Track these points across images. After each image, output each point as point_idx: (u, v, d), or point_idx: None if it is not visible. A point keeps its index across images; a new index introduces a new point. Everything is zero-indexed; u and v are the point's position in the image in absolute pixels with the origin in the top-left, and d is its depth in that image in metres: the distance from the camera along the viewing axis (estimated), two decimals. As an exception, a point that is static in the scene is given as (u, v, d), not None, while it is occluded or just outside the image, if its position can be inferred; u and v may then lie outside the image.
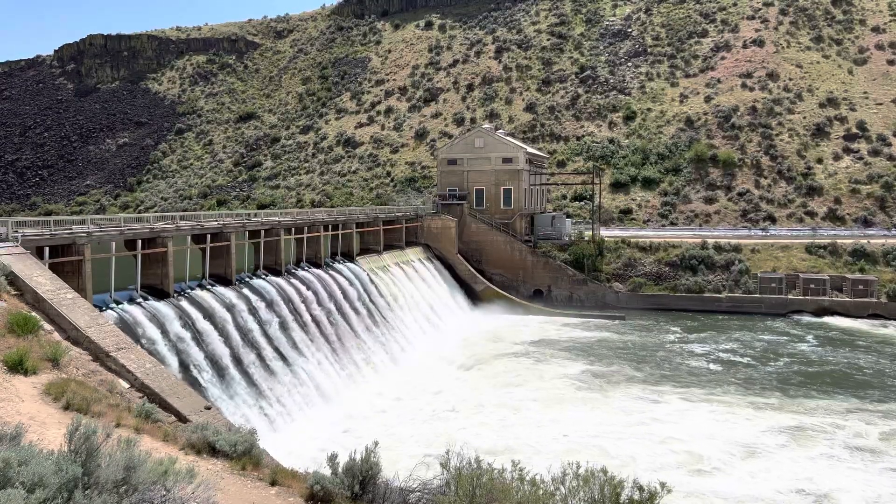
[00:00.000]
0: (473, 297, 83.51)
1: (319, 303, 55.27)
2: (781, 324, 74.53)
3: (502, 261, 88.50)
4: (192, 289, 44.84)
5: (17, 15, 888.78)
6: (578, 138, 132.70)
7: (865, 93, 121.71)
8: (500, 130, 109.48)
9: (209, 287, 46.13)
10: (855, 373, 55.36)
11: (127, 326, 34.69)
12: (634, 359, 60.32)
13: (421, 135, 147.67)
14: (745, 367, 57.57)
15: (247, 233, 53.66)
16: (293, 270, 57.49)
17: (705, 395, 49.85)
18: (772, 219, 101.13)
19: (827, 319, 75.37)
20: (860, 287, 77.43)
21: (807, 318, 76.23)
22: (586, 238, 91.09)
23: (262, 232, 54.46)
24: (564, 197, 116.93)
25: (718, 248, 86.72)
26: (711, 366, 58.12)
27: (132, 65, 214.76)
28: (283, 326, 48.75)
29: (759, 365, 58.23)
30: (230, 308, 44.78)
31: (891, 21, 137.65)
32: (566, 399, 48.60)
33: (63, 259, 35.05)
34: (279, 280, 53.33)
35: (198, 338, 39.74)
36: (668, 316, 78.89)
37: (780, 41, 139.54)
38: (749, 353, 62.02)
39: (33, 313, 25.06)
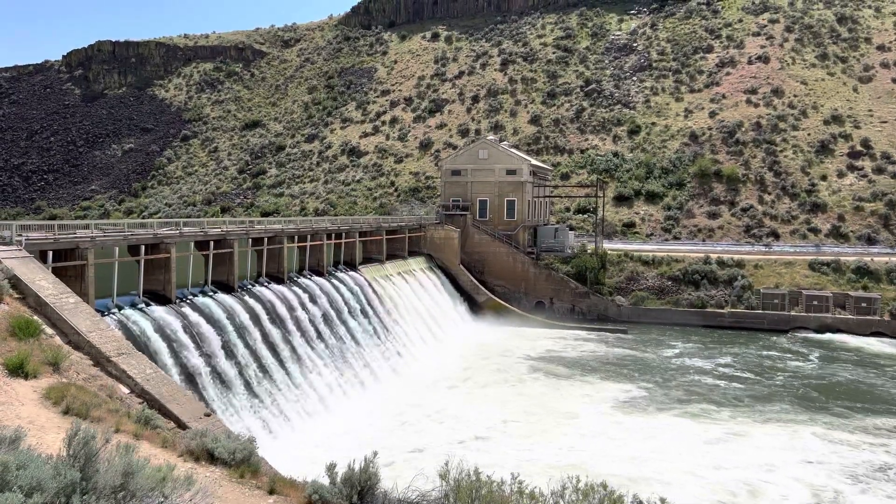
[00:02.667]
0: (475, 307, 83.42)
1: (321, 311, 55.23)
2: (787, 341, 74.09)
3: (505, 272, 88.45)
4: (195, 295, 44.85)
5: (26, 20, 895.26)
6: (582, 151, 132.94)
7: (870, 110, 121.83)
8: (505, 142, 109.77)
9: (211, 294, 46.14)
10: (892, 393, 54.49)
11: (128, 332, 34.70)
12: (657, 377, 58.60)
13: (425, 145, 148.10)
14: (787, 387, 55.93)
15: (250, 240, 53.70)
16: (296, 278, 57.50)
17: (772, 417, 48.05)
18: (775, 235, 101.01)
19: (830, 336, 75.04)
20: (863, 305, 77.18)
21: (809, 335, 75.89)
22: (589, 251, 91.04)
23: (266, 239, 54.51)
24: (568, 209, 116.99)
25: (721, 263, 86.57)
26: (737, 385, 56.72)
27: (139, 71, 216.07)
28: (285, 335, 48.69)
29: (807, 384, 56.72)
30: (232, 315, 44.76)
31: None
32: (609, 424, 46.14)
33: (66, 263, 35.10)
34: (282, 288, 53.33)
35: (199, 344, 39.70)
36: (671, 330, 78.64)
37: (786, 58, 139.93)
38: (779, 372, 60.68)
39: (35, 317, 25.08)
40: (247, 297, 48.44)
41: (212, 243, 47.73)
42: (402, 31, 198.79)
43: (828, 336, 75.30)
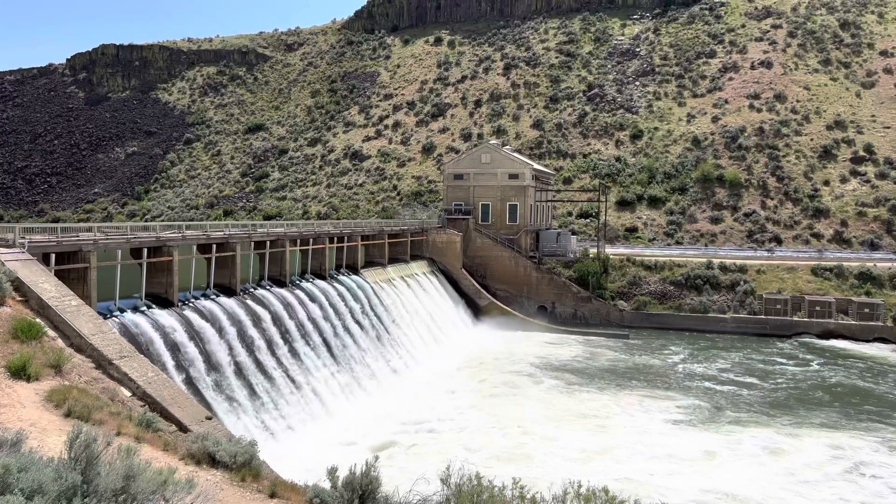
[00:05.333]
0: (477, 312, 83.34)
1: (323, 315, 55.21)
2: (790, 346, 73.76)
3: (507, 276, 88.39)
4: (197, 298, 44.86)
5: (30, 23, 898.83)
6: (585, 156, 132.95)
7: (873, 116, 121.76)
8: (507, 146, 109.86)
9: (213, 297, 46.15)
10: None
11: (130, 335, 34.70)
12: (674, 385, 57.30)
13: (428, 149, 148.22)
14: (813, 393, 54.72)
15: (252, 243, 53.76)
16: (298, 281, 57.51)
17: (829, 424, 46.81)
18: (778, 240, 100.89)
19: (834, 342, 74.65)
20: (866, 310, 76.97)
21: (812, 341, 75.53)
22: (591, 255, 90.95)
23: (268, 243, 54.56)
24: (570, 214, 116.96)
25: (724, 268, 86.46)
26: (757, 392, 55.57)
27: (143, 75, 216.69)
28: (287, 338, 48.67)
29: (834, 391, 55.73)
30: (234, 318, 44.76)
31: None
32: (659, 442, 42.74)
33: (69, 266, 35.14)
34: (284, 291, 53.33)
35: (201, 347, 39.70)
36: (673, 336, 78.31)
37: (788, 63, 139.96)
38: (795, 379, 59.92)
39: (37, 319, 25.10)
40: (249, 301, 48.46)
41: (214, 246, 47.78)
42: (405, 35, 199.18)
43: (831, 342, 74.98)
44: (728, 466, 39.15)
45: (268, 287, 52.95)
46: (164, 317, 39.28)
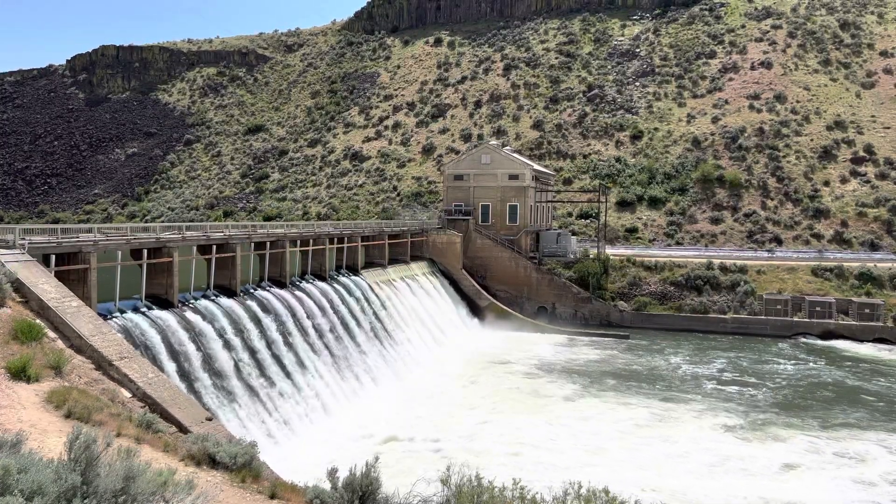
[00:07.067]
0: (477, 312, 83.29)
1: (323, 315, 55.19)
2: (791, 347, 73.60)
3: (507, 277, 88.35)
4: (197, 299, 44.83)
5: (30, 25, 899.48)
6: (585, 156, 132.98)
7: (873, 116, 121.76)
8: (507, 147, 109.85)
9: (214, 298, 46.13)
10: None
11: (130, 336, 34.68)
12: (688, 389, 56.17)
13: (428, 150, 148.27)
14: (829, 395, 54.18)
15: (252, 244, 53.75)
16: (298, 283, 57.49)
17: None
18: (778, 240, 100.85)
19: (834, 343, 74.51)
20: (866, 311, 76.94)
21: (813, 341, 75.41)
22: (591, 256, 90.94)
23: (268, 244, 54.54)
24: (570, 214, 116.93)
25: (724, 268, 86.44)
26: (769, 394, 54.69)
27: (143, 76, 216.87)
28: (287, 339, 48.65)
29: (851, 392, 55.16)
30: (234, 319, 44.75)
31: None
32: (717, 451, 41.12)
33: (69, 267, 35.13)
34: (283, 292, 53.31)
35: (201, 349, 39.67)
36: (674, 336, 78.13)
37: (788, 63, 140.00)
38: (804, 379, 59.40)
39: (38, 321, 25.08)
40: (249, 301, 48.44)
41: (214, 247, 47.75)
42: (405, 36, 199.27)
43: (832, 342, 74.88)
44: (805, 476, 37.99)
45: (268, 288, 52.94)
46: (165, 318, 39.26)
